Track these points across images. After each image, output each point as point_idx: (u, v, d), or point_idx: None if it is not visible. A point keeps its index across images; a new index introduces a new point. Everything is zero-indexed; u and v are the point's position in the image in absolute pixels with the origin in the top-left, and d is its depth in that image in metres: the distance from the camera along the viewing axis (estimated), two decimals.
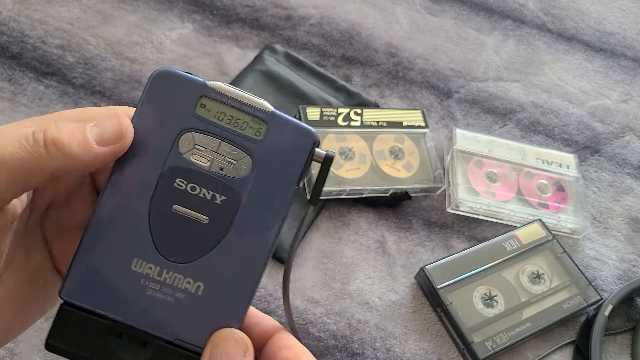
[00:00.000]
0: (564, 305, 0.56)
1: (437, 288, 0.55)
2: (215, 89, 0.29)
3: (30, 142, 0.24)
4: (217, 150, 0.28)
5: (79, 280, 0.27)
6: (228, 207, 0.28)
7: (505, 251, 0.59)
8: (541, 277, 0.58)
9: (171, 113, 0.28)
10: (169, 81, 0.29)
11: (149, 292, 0.27)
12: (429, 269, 0.56)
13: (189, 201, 0.28)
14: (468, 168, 0.64)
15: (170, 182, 0.28)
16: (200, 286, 0.28)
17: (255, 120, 0.28)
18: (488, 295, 0.56)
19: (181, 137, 0.28)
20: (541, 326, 0.55)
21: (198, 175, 0.28)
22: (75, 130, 0.25)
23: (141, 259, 0.28)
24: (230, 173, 0.28)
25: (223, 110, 0.28)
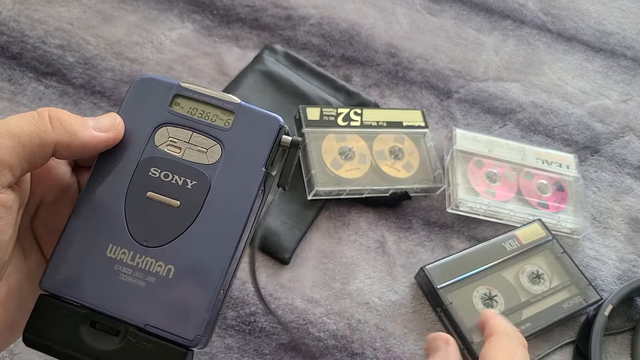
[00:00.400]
0: (564, 305, 0.56)
1: (437, 288, 0.55)
2: (187, 88, 0.31)
3: (35, 117, 0.27)
4: (189, 141, 0.31)
5: (57, 270, 0.29)
6: (198, 191, 0.30)
7: (505, 251, 0.59)
8: (541, 277, 0.58)
9: (148, 111, 0.31)
10: (148, 85, 0.32)
11: (122, 277, 0.28)
12: (428, 269, 0.56)
13: (162, 188, 0.30)
14: (468, 168, 0.64)
15: (145, 172, 0.30)
16: (171, 269, 0.29)
17: (224, 112, 0.31)
18: (488, 296, 0.56)
19: (157, 131, 0.31)
20: (541, 326, 0.55)
21: (171, 164, 0.30)
22: (76, 116, 0.28)
23: (115, 245, 0.29)
24: (201, 160, 0.30)
25: (195, 106, 0.31)
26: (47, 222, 0.30)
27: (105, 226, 0.29)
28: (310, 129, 0.61)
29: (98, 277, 0.28)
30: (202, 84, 0.67)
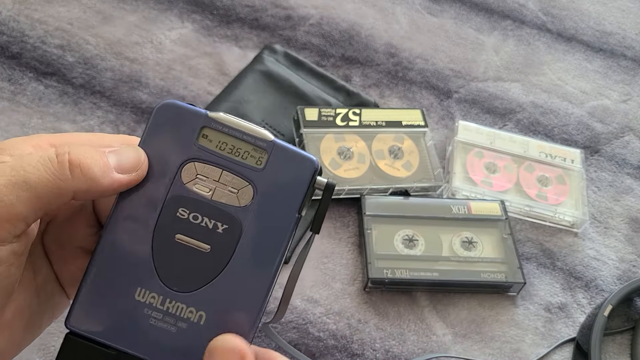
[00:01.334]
0: (482, 275, 0.56)
1: (365, 214, 0.58)
2: (216, 120, 0.29)
3: (55, 164, 0.25)
4: (218, 180, 0.28)
5: (84, 310, 0.28)
6: (230, 235, 0.28)
7: (450, 212, 0.60)
8: (473, 244, 0.58)
9: (174, 144, 0.28)
10: (172, 113, 0.29)
11: (152, 322, 0.28)
12: (366, 198, 0.59)
13: (191, 230, 0.28)
14: (467, 159, 0.64)
15: (173, 212, 0.28)
16: (203, 315, 0.28)
17: (257, 150, 0.28)
18: (409, 237, 0.57)
19: (184, 167, 0.28)
20: (446, 279, 0.56)
21: (200, 205, 0.28)
22: (97, 155, 0.26)
23: (144, 289, 0.28)
24: (232, 202, 0.28)
25: (225, 140, 0.28)
26: (59, 238, 0.29)
27: (132, 269, 0.28)
28: (308, 129, 0.61)
29: (127, 320, 0.28)
30: (202, 84, 0.68)
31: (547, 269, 0.60)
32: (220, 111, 0.30)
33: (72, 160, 0.25)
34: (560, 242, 0.62)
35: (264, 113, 0.65)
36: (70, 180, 0.25)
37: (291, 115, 0.64)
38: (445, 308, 0.57)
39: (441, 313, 0.56)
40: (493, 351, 0.55)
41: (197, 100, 0.66)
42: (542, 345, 0.56)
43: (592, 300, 0.59)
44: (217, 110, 0.63)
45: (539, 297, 0.58)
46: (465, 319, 0.56)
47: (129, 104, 0.64)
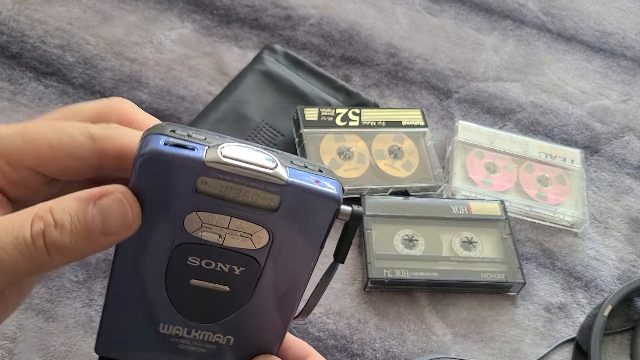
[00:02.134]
0: (482, 275, 0.56)
1: (365, 214, 0.58)
2: (215, 168, 0.23)
3: (32, 249, 0.22)
4: (228, 227, 0.24)
5: (110, 337, 0.27)
6: (248, 276, 0.26)
7: (450, 212, 0.60)
8: (472, 244, 0.58)
9: (169, 197, 0.24)
10: (161, 161, 0.23)
11: (181, 347, 0.27)
12: (366, 198, 0.59)
13: (205, 275, 0.26)
14: (467, 159, 0.64)
15: (182, 261, 0.25)
16: (231, 339, 0.28)
17: (268, 193, 0.24)
18: (409, 237, 0.57)
19: (186, 217, 0.24)
20: (446, 279, 0.56)
21: (211, 251, 0.25)
22: (77, 225, 0.22)
23: (167, 324, 0.27)
24: (246, 245, 0.25)
25: (229, 186, 0.23)
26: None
27: (151, 308, 0.26)
28: (308, 129, 0.61)
29: (156, 348, 0.27)
30: (202, 84, 0.68)
31: (547, 269, 0.60)
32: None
33: (48, 243, 0.22)
34: (560, 242, 0.62)
35: (264, 113, 0.65)
36: (49, 261, 0.22)
37: (291, 115, 0.64)
38: (445, 308, 0.57)
39: (441, 313, 0.56)
40: (493, 351, 0.55)
41: (197, 100, 0.66)
42: (542, 345, 0.56)
43: (592, 300, 0.59)
44: (217, 108, 0.64)
45: (538, 297, 0.58)
46: (465, 319, 0.56)
47: None
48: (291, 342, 0.29)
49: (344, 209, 0.25)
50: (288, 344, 0.29)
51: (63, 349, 0.49)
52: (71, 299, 0.52)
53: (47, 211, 0.22)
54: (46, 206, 0.23)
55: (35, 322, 0.51)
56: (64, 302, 0.52)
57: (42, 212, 0.22)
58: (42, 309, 0.51)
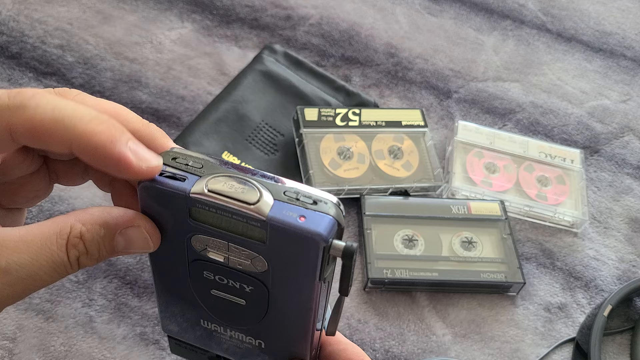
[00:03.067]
0: (482, 275, 0.56)
1: (364, 214, 0.58)
2: (199, 200, 0.24)
3: (67, 269, 0.24)
4: (228, 250, 0.25)
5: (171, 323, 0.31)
6: (259, 293, 0.27)
7: (450, 212, 0.60)
8: (472, 244, 0.58)
9: (171, 221, 0.26)
10: (155, 194, 0.25)
11: (223, 340, 0.30)
12: (366, 198, 0.59)
13: (222, 288, 0.27)
14: (467, 159, 0.64)
15: (199, 273, 0.27)
16: (262, 343, 0.29)
17: (253, 227, 0.24)
18: (409, 237, 0.57)
19: (191, 238, 0.26)
20: (446, 279, 0.56)
21: (220, 269, 0.26)
22: (104, 252, 0.25)
23: (206, 320, 0.30)
24: (249, 268, 0.26)
25: (217, 217, 0.24)
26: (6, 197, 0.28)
27: (190, 306, 0.29)
28: (308, 129, 0.61)
29: (206, 336, 0.30)
30: (201, 84, 0.68)
31: (546, 269, 0.60)
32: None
33: (81, 265, 0.25)
34: (560, 242, 0.62)
35: (263, 113, 0.65)
36: (70, 273, 0.25)
37: (291, 115, 0.64)
38: (445, 308, 0.57)
39: (441, 313, 0.56)
40: (493, 351, 0.55)
41: (196, 100, 0.66)
42: (541, 345, 0.56)
43: (591, 300, 0.59)
44: (217, 108, 0.64)
45: (538, 297, 0.58)
46: (465, 319, 0.56)
47: (129, 104, 0.64)
48: (344, 345, 0.30)
49: (336, 245, 0.24)
50: (341, 346, 0.30)
51: (63, 349, 0.49)
52: (71, 299, 0.52)
53: (79, 239, 0.24)
54: (77, 231, 0.24)
55: (35, 322, 0.51)
56: (64, 302, 0.52)
57: (75, 241, 0.24)
58: (42, 309, 0.51)
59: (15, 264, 0.23)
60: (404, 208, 0.60)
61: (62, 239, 0.24)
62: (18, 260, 0.23)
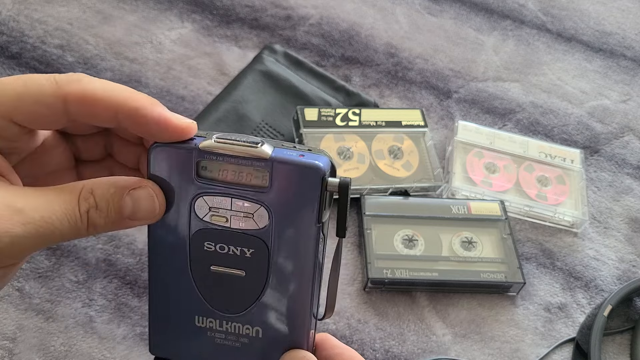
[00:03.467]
0: (482, 275, 0.56)
1: (365, 214, 0.58)
2: (208, 150, 0.27)
3: (79, 222, 0.26)
4: (231, 208, 0.27)
5: (160, 337, 0.30)
6: (259, 257, 0.28)
7: (450, 212, 0.60)
8: (472, 244, 0.58)
9: (177, 184, 0.28)
10: (165, 155, 0.27)
11: (217, 341, 0.30)
12: (366, 198, 0.59)
13: (222, 260, 0.28)
14: (467, 159, 0.64)
15: (200, 246, 0.28)
16: (259, 330, 0.29)
17: (257, 169, 0.27)
18: (409, 237, 0.57)
19: (195, 203, 0.28)
20: (446, 279, 0.56)
21: (222, 235, 0.28)
22: (112, 209, 0.26)
23: (201, 316, 0.29)
24: (250, 226, 0.28)
25: (224, 168, 0.27)
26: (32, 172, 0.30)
27: (184, 302, 0.29)
28: (308, 129, 0.61)
29: (197, 343, 0.30)
30: (201, 84, 0.68)
31: (546, 269, 0.60)
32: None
33: (90, 221, 0.26)
34: (560, 242, 0.62)
35: (263, 113, 0.65)
36: (84, 233, 0.26)
37: (291, 115, 0.64)
38: (445, 308, 0.57)
39: (441, 313, 0.56)
40: (493, 351, 0.55)
41: (196, 100, 0.66)
42: (541, 345, 0.56)
43: (591, 300, 0.59)
44: (217, 108, 0.64)
45: (538, 297, 0.58)
46: (465, 319, 0.56)
47: None
48: (340, 349, 0.30)
49: (331, 181, 0.27)
50: (337, 350, 0.30)
51: (63, 349, 0.49)
52: (71, 299, 0.52)
53: (90, 194, 0.26)
54: (89, 187, 0.26)
55: (35, 322, 0.51)
56: (64, 302, 0.52)
57: (86, 194, 0.26)
58: (42, 309, 0.51)
59: (30, 205, 0.24)
60: (404, 208, 0.60)
61: (76, 191, 0.26)
62: (33, 203, 0.24)
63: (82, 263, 0.54)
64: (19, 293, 0.52)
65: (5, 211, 0.24)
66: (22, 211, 0.24)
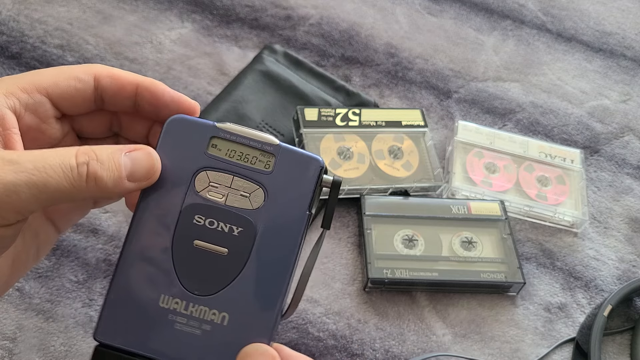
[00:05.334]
0: (482, 275, 0.56)
1: (365, 214, 0.58)
2: (224, 129, 0.30)
3: (74, 174, 0.26)
4: (230, 186, 0.30)
5: (111, 321, 0.29)
6: (245, 237, 0.29)
7: (450, 212, 0.60)
8: (472, 244, 0.58)
9: (186, 155, 0.30)
10: (181, 126, 0.30)
11: (177, 327, 0.29)
12: (366, 198, 0.59)
13: (208, 235, 0.29)
14: (467, 159, 0.64)
15: (189, 219, 0.29)
16: (226, 316, 0.29)
17: (264, 154, 0.30)
18: (409, 237, 0.58)
19: (196, 176, 0.30)
20: (446, 279, 0.56)
21: (215, 210, 0.29)
22: (113, 164, 0.27)
23: (167, 295, 0.29)
24: (245, 205, 0.30)
25: (233, 148, 0.30)
26: None
27: (154, 276, 0.29)
28: (308, 129, 0.61)
29: (153, 327, 0.29)
30: (201, 84, 0.68)
31: (546, 269, 0.60)
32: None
33: (89, 173, 0.26)
34: (560, 242, 0.62)
35: (263, 113, 0.65)
36: (84, 189, 0.26)
37: (291, 115, 0.64)
38: (445, 308, 0.57)
39: (441, 313, 0.56)
40: (493, 351, 0.55)
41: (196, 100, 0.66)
42: (542, 345, 0.56)
43: (591, 300, 0.59)
44: (217, 108, 0.64)
45: (538, 297, 0.58)
46: (465, 319, 0.56)
47: None
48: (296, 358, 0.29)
49: (326, 177, 0.30)
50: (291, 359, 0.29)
51: (63, 349, 0.50)
52: (71, 299, 0.52)
53: (90, 149, 0.27)
54: (87, 147, 0.27)
55: (35, 322, 0.51)
56: (64, 302, 0.52)
57: (85, 149, 0.27)
58: (42, 309, 0.51)
59: (25, 156, 0.25)
60: (404, 208, 0.60)
61: (70, 149, 0.27)
62: (28, 156, 0.25)
63: (82, 263, 0.54)
64: (19, 293, 0.52)
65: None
66: (16, 162, 0.25)
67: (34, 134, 0.30)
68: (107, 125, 0.33)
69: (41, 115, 0.30)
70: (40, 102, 0.29)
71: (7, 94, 0.28)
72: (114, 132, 0.34)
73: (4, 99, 0.28)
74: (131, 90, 0.31)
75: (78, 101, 0.30)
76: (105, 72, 0.31)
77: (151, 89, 0.31)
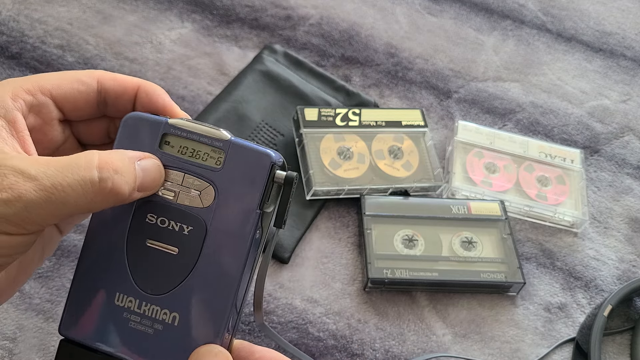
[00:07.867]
0: (482, 275, 0.56)
1: (365, 214, 0.58)
2: (175, 126, 0.30)
3: (95, 189, 0.26)
4: (181, 183, 0.29)
5: (73, 316, 0.30)
6: (195, 237, 0.29)
7: (450, 212, 0.60)
8: (472, 244, 0.58)
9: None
10: (137, 123, 0.30)
11: (131, 325, 0.29)
12: (366, 198, 0.59)
13: (159, 234, 0.29)
14: (467, 159, 0.64)
15: (142, 218, 0.29)
16: (176, 317, 0.29)
17: (215, 150, 0.29)
18: (409, 237, 0.58)
19: None
20: (446, 279, 0.56)
21: (166, 209, 0.29)
22: (130, 177, 0.27)
23: (122, 293, 0.29)
24: (195, 204, 0.29)
25: (185, 145, 0.30)
26: None
27: (110, 275, 0.29)
28: (308, 129, 0.61)
29: (110, 325, 0.29)
30: (201, 84, 0.68)
31: (546, 269, 0.60)
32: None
33: (112, 188, 0.26)
34: (560, 242, 0.62)
35: (263, 113, 0.65)
36: (102, 201, 0.27)
37: (291, 115, 0.64)
38: (445, 308, 0.57)
39: (441, 313, 0.56)
40: (493, 351, 0.55)
41: (197, 100, 0.66)
42: (542, 345, 0.56)
43: (591, 300, 0.59)
44: (217, 108, 0.64)
45: (538, 297, 0.58)
46: (465, 319, 0.56)
47: None
48: (261, 352, 0.30)
49: (278, 173, 0.29)
50: (257, 355, 0.30)
51: None
52: None
53: (108, 159, 0.27)
54: (104, 157, 0.27)
55: (35, 322, 0.51)
56: (63, 302, 0.52)
57: (104, 160, 0.27)
58: (42, 309, 0.51)
59: (44, 173, 0.25)
60: (404, 208, 0.60)
61: (92, 160, 0.27)
62: (46, 170, 0.25)
63: None
64: (19, 293, 0.52)
65: (18, 177, 0.25)
66: (35, 178, 0.25)
67: (36, 136, 0.30)
68: (106, 132, 0.33)
69: (45, 116, 0.30)
70: (44, 103, 0.29)
71: (14, 97, 0.28)
72: (111, 138, 0.34)
73: (11, 102, 0.28)
74: (133, 92, 0.31)
75: (81, 104, 0.31)
76: (109, 75, 0.31)
77: (149, 92, 0.31)
